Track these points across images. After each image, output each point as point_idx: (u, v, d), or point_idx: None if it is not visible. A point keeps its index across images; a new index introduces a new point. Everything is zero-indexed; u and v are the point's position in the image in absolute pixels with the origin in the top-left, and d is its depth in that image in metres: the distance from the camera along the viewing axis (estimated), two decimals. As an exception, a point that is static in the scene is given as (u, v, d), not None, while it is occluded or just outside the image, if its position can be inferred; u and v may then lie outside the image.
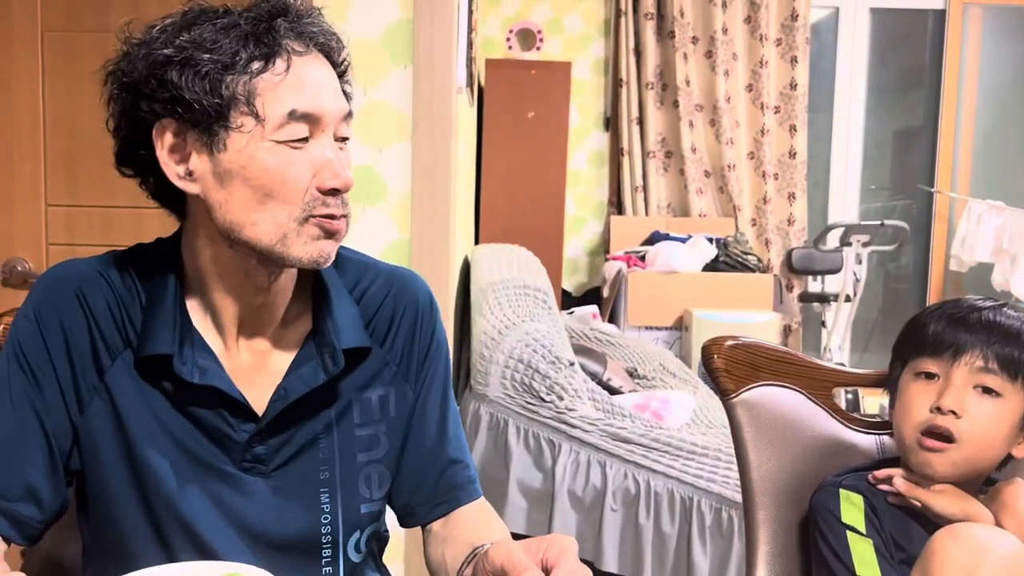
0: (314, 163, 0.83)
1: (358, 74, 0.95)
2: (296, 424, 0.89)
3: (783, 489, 1.14)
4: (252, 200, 0.82)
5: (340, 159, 0.84)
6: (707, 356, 1.14)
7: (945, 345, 1.02)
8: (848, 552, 1.02)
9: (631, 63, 4.34)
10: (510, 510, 2.01)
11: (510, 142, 3.78)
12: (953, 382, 1.01)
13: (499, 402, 2.06)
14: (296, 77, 0.81)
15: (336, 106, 0.84)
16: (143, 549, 0.87)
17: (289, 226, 0.82)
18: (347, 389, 0.92)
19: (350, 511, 0.93)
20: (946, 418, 1.00)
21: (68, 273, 0.89)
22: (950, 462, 1.00)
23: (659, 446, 1.99)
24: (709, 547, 1.92)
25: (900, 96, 4.85)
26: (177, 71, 0.79)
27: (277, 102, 0.80)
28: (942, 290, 4.68)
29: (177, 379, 0.85)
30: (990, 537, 0.86)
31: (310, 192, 0.82)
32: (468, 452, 1.03)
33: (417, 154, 1.82)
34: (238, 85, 0.79)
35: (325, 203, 0.83)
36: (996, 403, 1.00)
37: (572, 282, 4.59)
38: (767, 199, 4.43)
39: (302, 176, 0.82)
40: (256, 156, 0.81)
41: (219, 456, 0.88)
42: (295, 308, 0.93)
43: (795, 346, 4.46)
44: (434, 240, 1.84)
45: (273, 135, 0.81)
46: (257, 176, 0.81)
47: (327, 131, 0.84)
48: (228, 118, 0.80)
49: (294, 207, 0.82)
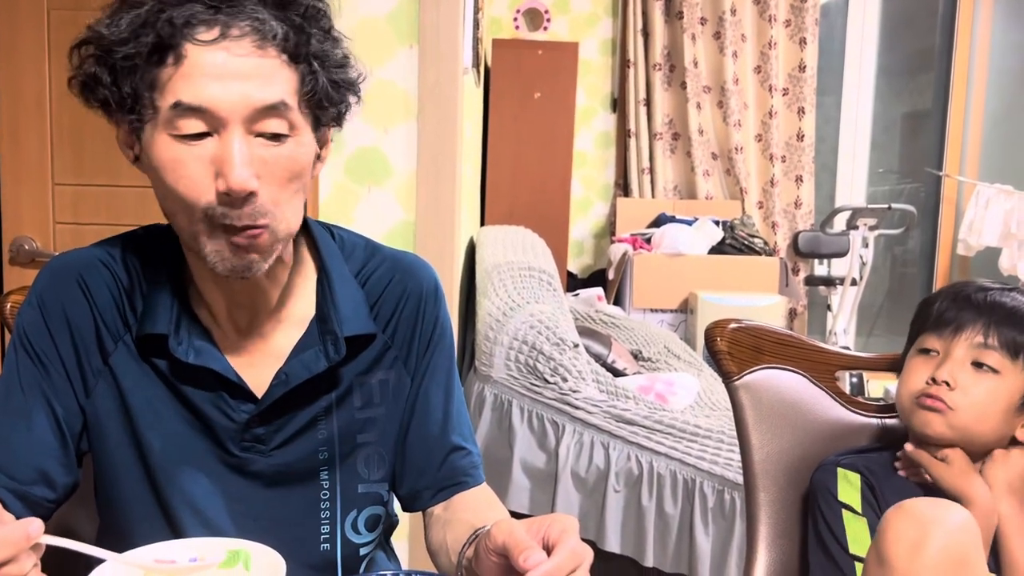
0: (214, 161, 0.76)
1: (363, 54, 0.92)
2: (296, 407, 0.90)
3: (784, 471, 1.15)
4: (163, 195, 0.80)
5: (242, 158, 0.75)
6: (710, 339, 1.14)
7: (947, 322, 1.05)
8: (843, 530, 1.03)
9: (639, 44, 4.32)
10: (514, 490, 2.02)
11: (516, 123, 3.77)
12: (951, 356, 1.03)
13: (503, 383, 2.07)
14: (189, 67, 0.75)
15: (237, 97, 0.75)
16: (151, 528, 0.88)
17: (195, 227, 0.79)
18: (348, 373, 0.93)
19: (348, 491, 0.94)
20: (939, 388, 1.02)
21: (69, 261, 0.90)
22: (946, 424, 1.02)
23: (662, 428, 2.00)
24: (711, 528, 1.93)
25: (909, 79, 4.81)
26: (94, 61, 0.78)
27: (168, 94, 0.76)
28: (949, 274, 4.66)
29: (174, 359, 0.86)
30: (937, 511, 0.88)
31: (207, 196, 0.77)
32: (473, 438, 1.03)
33: (423, 135, 1.81)
34: (138, 76, 0.76)
35: (225, 212, 0.77)
36: (994, 379, 1.02)
37: (577, 264, 4.58)
38: (774, 182, 4.42)
39: (196, 175, 0.77)
40: (155, 150, 0.78)
41: (218, 436, 0.89)
42: (299, 291, 0.93)
43: (800, 329, 4.46)
44: (439, 221, 1.84)
45: (167, 129, 0.77)
46: (156, 171, 0.78)
47: (231, 127, 0.76)
48: (136, 110, 0.77)
49: (193, 208, 0.78)
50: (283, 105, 0.78)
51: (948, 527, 0.87)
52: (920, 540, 0.86)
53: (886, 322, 4.76)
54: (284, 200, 0.80)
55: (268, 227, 0.79)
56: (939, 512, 0.89)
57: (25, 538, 0.64)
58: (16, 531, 0.64)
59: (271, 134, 0.78)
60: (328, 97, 0.82)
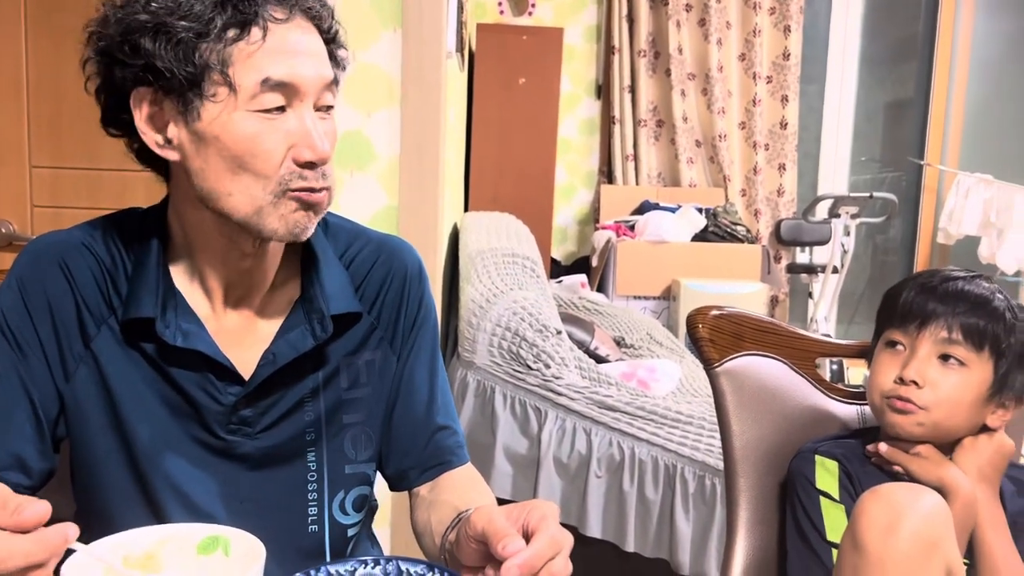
0: (291, 134, 0.80)
1: (347, 38, 0.93)
2: (283, 388, 0.90)
3: (764, 457, 1.15)
4: (226, 171, 0.80)
5: (319, 130, 0.81)
6: (692, 325, 1.15)
7: (912, 316, 1.05)
8: (821, 517, 1.04)
9: (624, 30, 4.31)
10: (496, 476, 2.03)
11: (501, 109, 3.75)
12: (917, 353, 1.03)
13: (486, 369, 2.07)
14: (273, 45, 0.78)
15: (316, 74, 0.81)
16: (132, 513, 0.88)
17: (264, 199, 0.81)
18: (335, 354, 0.93)
19: (335, 471, 0.94)
20: (908, 388, 1.02)
21: (50, 243, 0.89)
22: (917, 424, 1.03)
23: (644, 414, 2.01)
24: (692, 514, 1.94)
25: (892, 67, 4.83)
26: (151, 38, 0.77)
27: (252, 70, 0.78)
28: (929, 262, 4.70)
29: (161, 343, 0.86)
30: (909, 496, 0.90)
31: (286, 165, 0.80)
32: (456, 417, 1.04)
33: (406, 119, 1.80)
34: (212, 53, 0.77)
35: (302, 176, 0.81)
36: (960, 373, 1.02)
37: (561, 251, 4.59)
38: (757, 170, 4.43)
39: (277, 148, 0.80)
40: (229, 127, 0.79)
41: (205, 419, 0.88)
42: (284, 273, 0.93)
43: (782, 317, 4.49)
44: (423, 206, 1.84)
45: (247, 105, 0.79)
46: (230, 147, 0.79)
47: (306, 100, 0.81)
48: (202, 87, 0.78)
49: (269, 180, 0.80)
50: (335, 81, 0.85)
51: (920, 511, 0.88)
52: (893, 524, 0.88)
53: (867, 310, 4.80)
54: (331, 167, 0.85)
55: (329, 189, 0.84)
56: (912, 497, 0.90)
57: (64, 542, 0.63)
58: (57, 536, 0.63)
59: (326, 107, 0.84)
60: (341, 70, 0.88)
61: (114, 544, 0.68)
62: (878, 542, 0.88)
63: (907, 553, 0.87)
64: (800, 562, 1.05)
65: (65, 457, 0.92)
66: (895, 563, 0.87)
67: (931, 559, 0.87)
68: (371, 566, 0.69)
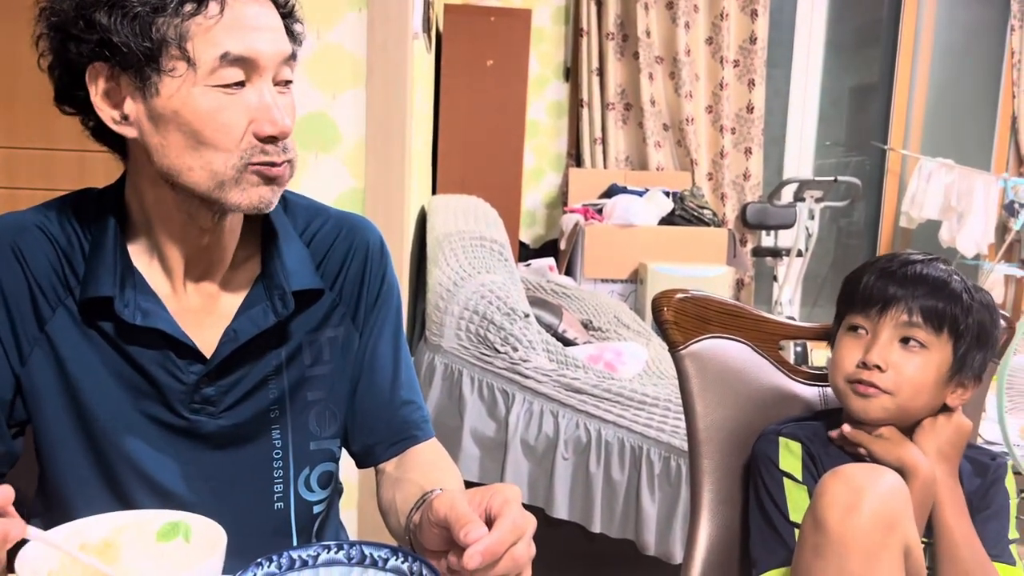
0: (251, 109, 0.80)
1: (310, 16, 0.92)
2: (246, 365, 0.89)
3: (727, 438, 1.17)
4: (186, 147, 0.79)
5: (279, 104, 0.81)
6: (657, 308, 1.15)
7: (873, 300, 1.06)
8: (784, 498, 1.05)
9: (592, 12, 4.30)
10: (464, 459, 2.03)
11: (469, 91, 3.73)
12: (879, 338, 1.05)
13: (454, 353, 2.07)
14: (231, 19, 0.78)
15: (274, 48, 0.81)
16: (93, 496, 0.87)
17: (226, 173, 0.80)
18: (297, 330, 0.93)
19: (300, 449, 0.94)
20: (871, 372, 1.04)
21: (2, 227, 0.87)
22: (881, 408, 1.05)
23: (611, 396, 2.02)
24: (657, 494, 1.96)
25: (857, 52, 4.87)
26: (106, 12, 0.76)
27: (210, 45, 0.77)
28: (891, 246, 4.77)
29: (120, 322, 0.85)
30: (869, 476, 0.92)
31: (247, 139, 0.80)
32: (420, 393, 1.05)
33: (371, 101, 1.78)
34: (169, 28, 0.76)
35: (264, 150, 0.81)
36: (922, 355, 1.04)
37: (529, 234, 4.58)
38: (724, 153, 4.46)
39: (237, 122, 0.79)
40: (189, 102, 0.78)
41: (167, 399, 0.87)
42: (245, 250, 0.92)
43: (747, 300, 4.53)
44: (389, 189, 1.82)
45: (206, 80, 0.78)
46: (190, 122, 0.79)
47: (265, 75, 0.81)
48: (159, 62, 0.77)
49: (230, 154, 0.80)
50: (293, 55, 0.84)
51: (879, 492, 0.90)
52: (853, 504, 0.89)
53: (830, 293, 4.86)
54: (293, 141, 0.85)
55: (291, 162, 0.84)
56: (872, 477, 0.91)
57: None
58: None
59: (283, 80, 0.83)
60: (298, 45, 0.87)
61: (70, 532, 0.67)
62: (838, 521, 0.89)
63: (867, 532, 0.88)
64: (762, 541, 1.07)
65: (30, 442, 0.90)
66: (855, 541, 0.88)
67: (890, 538, 0.89)
68: (335, 551, 0.69)
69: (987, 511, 1.06)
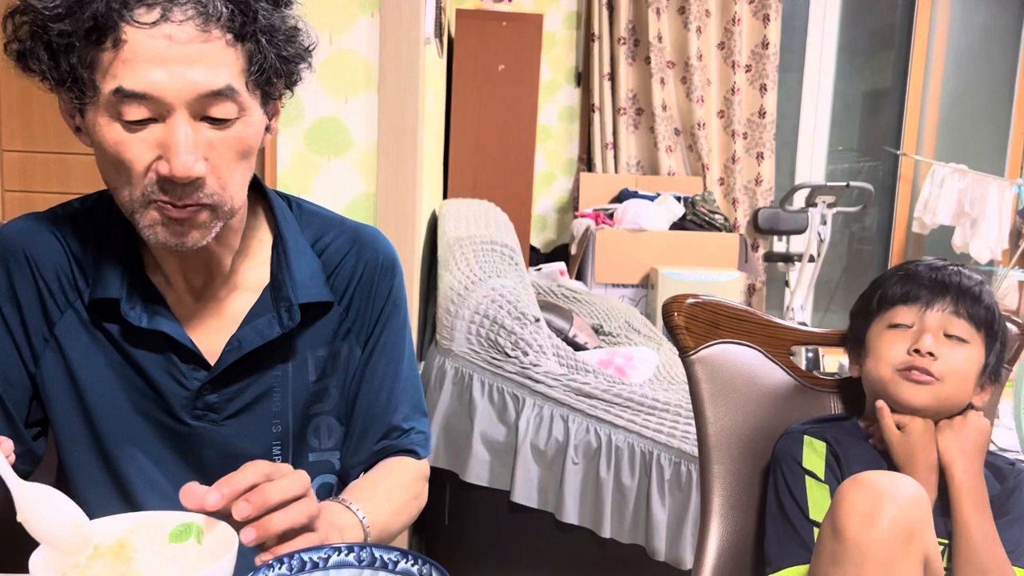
0: (159, 145, 0.75)
1: (323, 21, 0.91)
2: (250, 375, 0.90)
3: (738, 444, 1.16)
4: (109, 168, 0.78)
5: (189, 144, 0.74)
6: (668, 314, 1.15)
7: (915, 296, 1.08)
8: (805, 496, 1.05)
9: (603, 17, 4.30)
10: (473, 463, 2.03)
11: (480, 95, 3.74)
12: (928, 327, 1.07)
13: (464, 357, 2.07)
14: (129, 54, 0.72)
15: (180, 85, 0.73)
16: (103, 497, 0.88)
17: (132, 204, 0.78)
18: (304, 343, 0.92)
19: (299, 460, 0.94)
20: (924, 359, 1.05)
21: (14, 231, 0.88)
22: (932, 395, 1.05)
23: (621, 401, 2.02)
24: (668, 500, 1.96)
25: (870, 57, 4.86)
26: (29, 34, 0.75)
27: (109, 79, 0.73)
28: (904, 252, 4.75)
29: (126, 324, 0.85)
30: (889, 485, 0.91)
31: (149, 176, 0.76)
32: (421, 413, 1.03)
33: (383, 105, 1.79)
34: (75, 55, 0.74)
35: (163, 189, 0.76)
36: (965, 348, 1.06)
37: (540, 239, 4.59)
38: (735, 158, 4.45)
39: (138, 158, 0.75)
40: (97, 131, 0.76)
41: (169, 404, 0.88)
42: (255, 259, 0.92)
43: (758, 305, 4.52)
44: (401, 193, 1.83)
45: (109, 112, 0.75)
46: (101, 150, 0.77)
47: (177, 112, 0.74)
48: (74, 88, 0.75)
49: (134, 188, 0.77)
50: (229, 90, 0.76)
51: (900, 501, 0.89)
52: (873, 513, 0.88)
53: (843, 298, 4.84)
54: (232, 180, 0.79)
55: (211, 206, 0.79)
56: (892, 485, 0.90)
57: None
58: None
59: (216, 118, 0.76)
60: (277, 72, 0.80)
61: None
62: (857, 530, 0.88)
63: (886, 541, 0.88)
64: (778, 539, 1.06)
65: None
66: (873, 551, 0.88)
67: (909, 547, 0.88)
68: (345, 553, 0.69)
69: (1007, 516, 1.05)
